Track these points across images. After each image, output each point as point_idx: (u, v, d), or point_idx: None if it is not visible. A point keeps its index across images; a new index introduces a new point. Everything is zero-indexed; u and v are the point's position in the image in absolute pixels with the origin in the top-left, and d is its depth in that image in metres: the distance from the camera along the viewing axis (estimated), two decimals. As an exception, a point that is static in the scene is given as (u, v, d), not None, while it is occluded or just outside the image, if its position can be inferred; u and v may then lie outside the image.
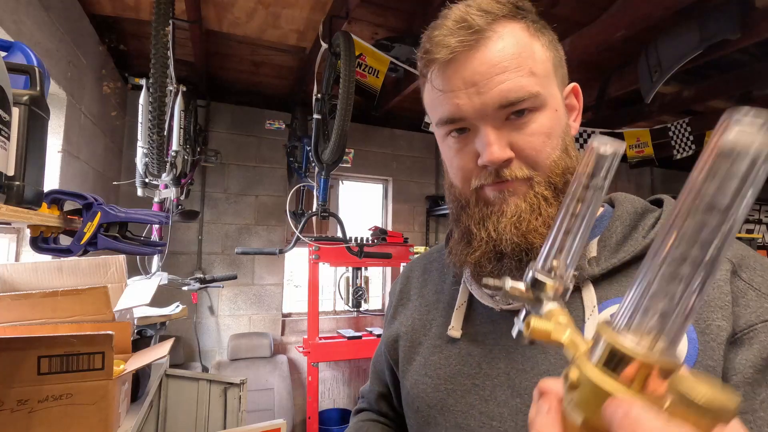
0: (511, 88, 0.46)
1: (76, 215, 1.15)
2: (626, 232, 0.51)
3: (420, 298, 0.66)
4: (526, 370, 0.49)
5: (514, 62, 0.47)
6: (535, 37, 0.49)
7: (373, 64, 2.37)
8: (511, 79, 0.46)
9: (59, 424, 0.74)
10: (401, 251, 3.28)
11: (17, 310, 0.90)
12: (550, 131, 0.49)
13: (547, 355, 0.48)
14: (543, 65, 0.49)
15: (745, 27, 1.99)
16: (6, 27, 1.41)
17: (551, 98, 0.49)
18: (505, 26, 0.48)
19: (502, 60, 0.47)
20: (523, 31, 0.49)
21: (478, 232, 0.51)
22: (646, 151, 3.42)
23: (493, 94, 0.46)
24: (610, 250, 0.50)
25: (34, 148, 0.77)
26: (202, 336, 3.17)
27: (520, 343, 0.50)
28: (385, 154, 3.89)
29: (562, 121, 0.51)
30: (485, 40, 0.47)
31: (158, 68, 1.52)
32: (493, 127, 0.48)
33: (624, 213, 0.52)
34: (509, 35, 0.48)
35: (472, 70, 0.47)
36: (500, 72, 0.46)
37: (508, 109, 0.47)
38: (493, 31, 0.47)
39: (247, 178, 3.39)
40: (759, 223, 5.27)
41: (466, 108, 0.48)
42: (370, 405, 0.75)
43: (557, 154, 0.49)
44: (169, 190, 2.23)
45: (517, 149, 0.48)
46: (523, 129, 0.48)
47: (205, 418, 1.50)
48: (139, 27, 2.42)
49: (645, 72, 2.37)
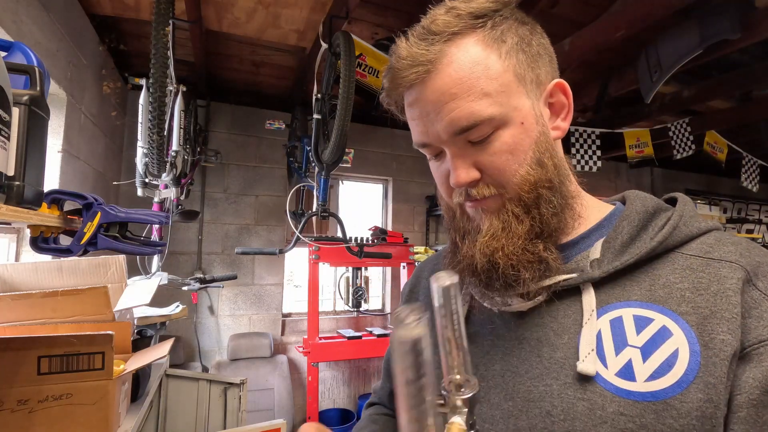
0: (461, 116, 0.46)
1: (76, 215, 1.15)
2: (633, 233, 0.49)
3: (426, 298, 0.67)
4: (521, 373, 0.48)
5: (463, 87, 0.46)
6: (492, 49, 0.47)
7: (373, 64, 2.37)
8: (459, 106, 0.46)
9: (59, 424, 0.74)
10: (401, 251, 3.28)
11: (17, 310, 0.90)
12: (514, 148, 0.48)
13: (541, 359, 0.48)
14: (499, 80, 0.47)
15: (745, 27, 1.99)
16: (6, 27, 1.41)
17: (513, 113, 0.47)
18: (458, 45, 0.47)
19: (450, 87, 0.46)
20: (476, 46, 0.47)
21: (461, 246, 0.53)
22: (646, 151, 3.42)
23: (444, 124, 0.47)
24: (614, 251, 0.48)
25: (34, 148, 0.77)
26: (202, 336, 3.17)
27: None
28: (385, 154, 3.89)
29: (531, 133, 0.49)
30: (435, 68, 0.47)
31: (158, 68, 1.52)
32: (455, 152, 0.49)
33: (633, 212, 0.50)
34: (461, 56, 0.46)
35: (425, 100, 0.48)
36: (449, 100, 0.46)
37: (464, 135, 0.47)
38: (442, 55, 0.47)
39: (247, 178, 3.39)
40: (759, 223, 5.27)
41: (428, 135, 0.50)
42: (381, 401, 0.76)
43: (525, 169, 0.48)
44: (169, 190, 2.23)
45: (482, 169, 0.49)
46: (486, 149, 0.48)
47: (205, 418, 1.50)
48: (139, 27, 2.42)
49: (645, 72, 2.37)
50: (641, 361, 0.42)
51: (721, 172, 4.60)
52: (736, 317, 0.41)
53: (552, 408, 0.44)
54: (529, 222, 0.49)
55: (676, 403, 0.39)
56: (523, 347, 0.49)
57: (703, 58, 2.27)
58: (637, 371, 0.42)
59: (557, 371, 0.46)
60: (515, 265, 0.48)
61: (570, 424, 0.43)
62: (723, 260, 0.44)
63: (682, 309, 0.43)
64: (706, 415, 0.39)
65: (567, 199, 0.51)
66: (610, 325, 0.45)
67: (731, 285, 0.42)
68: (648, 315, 0.44)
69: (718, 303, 0.42)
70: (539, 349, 0.48)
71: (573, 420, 0.43)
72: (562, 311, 0.49)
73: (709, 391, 0.39)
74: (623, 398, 0.41)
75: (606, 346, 0.44)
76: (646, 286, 0.46)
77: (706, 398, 0.39)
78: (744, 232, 4.99)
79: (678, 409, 0.39)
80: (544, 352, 0.48)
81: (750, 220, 5.31)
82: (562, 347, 0.47)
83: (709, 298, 0.42)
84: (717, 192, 5.50)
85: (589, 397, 0.43)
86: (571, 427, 0.43)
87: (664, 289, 0.45)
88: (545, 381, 0.46)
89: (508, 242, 0.48)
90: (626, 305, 0.45)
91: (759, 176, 3.95)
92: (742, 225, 5.10)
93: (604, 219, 0.54)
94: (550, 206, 0.49)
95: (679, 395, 0.40)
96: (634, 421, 0.40)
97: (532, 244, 0.48)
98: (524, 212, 0.49)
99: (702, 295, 0.43)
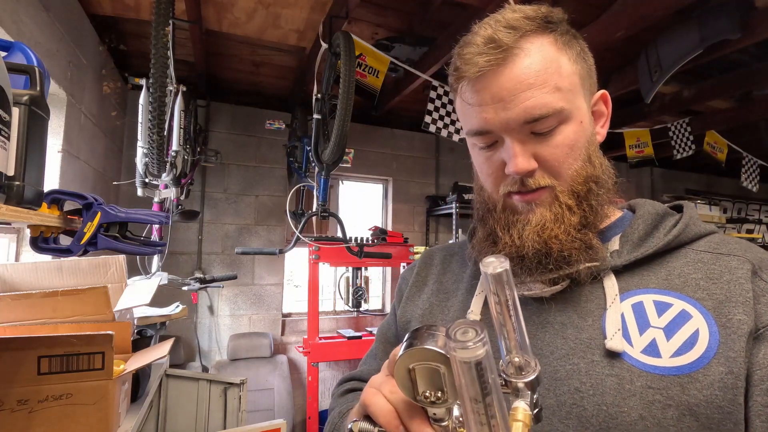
0: (535, 105, 0.49)
1: (76, 215, 1.15)
2: (648, 230, 0.54)
3: (438, 284, 0.68)
4: (546, 354, 0.50)
5: (539, 79, 0.49)
6: (563, 51, 0.51)
7: (373, 64, 2.37)
8: (535, 96, 0.49)
9: (59, 424, 0.74)
10: (401, 251, 3.28)
11: (17, 310, 0.90)
12: (574, 143, 0.51)
13: (566, 340, 0.50)
14: (569, 79, 0.51)
15: (745, 27, 1.99)
16: (6, 27, 1.41)
17: (576, 111, 0.51)
18: (533, 42, 0.50)
19: (527, 77, 0.49)
20: (550, 46, 0.51)
21: (503, 236, 0.55)
22: (646, 151, 3.42)
23: (518, 111, 0.49)
24: (632, 244, 0.53)
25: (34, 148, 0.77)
26: (202, 336, 3.17)
27: None
28: (385, 154, 3.89)
29: (587, 132, 0.53)
30: (512, 57, 0.49)
31: (158, 68, 1.52)
32: (518, 140, 0.51)
33: (646, 213, 0.56)
34: (536, 51, 0.50)
35: (499, 86, 0.50)
36: (525, 89, 0.49)
37: (532, 125, 0.50)
38: (520, 48, 0.49)
39: (247, 178, 3.39)
40: (759, 223, 5.27)
41: (493, 122, 0.51)
42: (360, 376, 0.72)
43: (579, 164, 0.52)
44: (169, 190, 2.23)
45: (541, 160, 0.51)
46: (548, 141, 0.51)
47: (205, 418, 1.50)
48: (139, 27, 2.42)
49: (645, 72, 2.37)
50: (665, 340, 0.46)
51: (721, 172, 4.61)
52: (749, 301, 0.45)
53: (581, 385, 0.47)
54: (580, 213, 0.52)
55: (699, 377, 0.43)
56: (547, 330, 0.52)
57: (703, 58, 2.27)
58: (662, 349, 0.45)
59: (583, 351, 0.48)
60: (568, 249, 0.51)
61: (600, 398, 0.45)
62: (731, 255, 0.49)
63: (699, 295, 0.47)
64: (728, 386, 0.42)
65: (608, 196, 0.56)
66: (632, 308, 0.49)
67: (742, 274, 0.47)
68: (667, 300, 0.48)
69: (732, 289, 0.46)
70: (563, 332, 0.51)
71: (603, 394, 0.45)
72: (585, 296, 0.52)
73: (729, 364, 0.42)
74: (650, 373, 0.44)
75: (630, 327, 0.48)
76: (662, 276, 0.50)
77: (727, 371, 0.42)
78: (744, 232, 4.98)
79: (701, 382, 0.42)
80: (569, 333, 0.50)
81: (750, 220, 5.31)
82: (587, 329, 0.49)
83: (723, 286, 0.47)
84: (717, 192, 5.50)
85: (617, 372, 0.45)
86: (601, 401, 0.45)
87: (679, 278, 0.49)
88: (572, 360, 0.48)
89: (560, 231, 0.51)
90: (645, 292, 0.49)
91: (759, 176, 3.95)
92: (742, 225, 5.10)
93: (617, 220, 0.59)
94: (598, 199, 0.53)
95: (702, 369, 0.43)
96: (661, 393, 0.43)
97: (582, 233, 0.52)
98: (576, 204, 0.52)
99: (716, 284, 0.47)
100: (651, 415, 0.43)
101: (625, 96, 3.17)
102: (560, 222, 0.51)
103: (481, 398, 0.30)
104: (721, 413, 0.41)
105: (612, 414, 0.44)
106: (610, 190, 0.56)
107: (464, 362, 0.30)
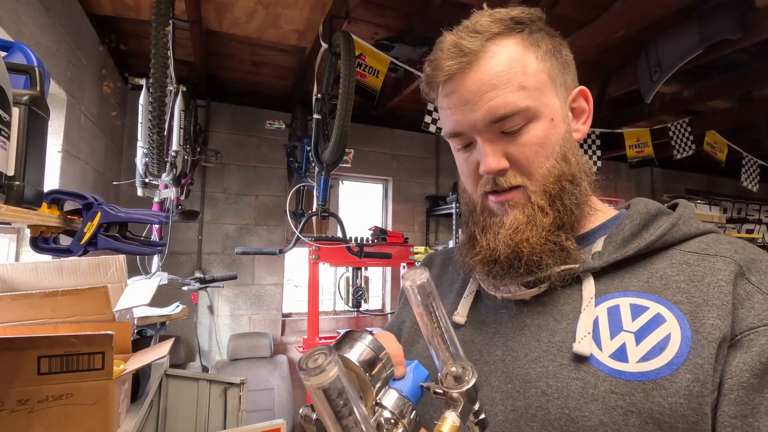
0: (500, 105, 0.49)
1: (76, 215, 1.14)
2: (635, 230, 0.52)
3: (435, 287, 0.69)
4: (520, 357, 0.51)
5: (503, 79, 0.50)
6: (530, 50, 0.52)
7: (373, 64, 2.37)
8: (499, 95, 0.49)
9: (59, 424, 0.74)
10: (401, 251, 3.28)
11: (17, 310, 0.90)
12: (543, 141, 0.51)
13: (540, 343, 0.50)
14: (535, 77, 0.51)
15: (745, 27, 1.99)
16: (6, 27, 1.41)
17: (545, 109, 0.51)
18: (498, 43, 0.51)
19: (491, 78, 0.50)
20: (516, 46, 0.51)
21: (480, 239, 0.55)
22: (646, 151, 3.42)
23: (483, 111, 0.50)
24: (615, 245, 0.52)
25: (34, 148, 0.77)
26: (202, 336, 3.17)
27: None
28: (385, 154, 3.89)
29: (559, 129, 0.53)
30: (477, 60, 0.50)
31: (158, 68, 1.52)
32: (488, 140, 0.52)
33: (636, 213, 0.54)
34: (501, 52, 0.51)
35: (465, 89, 0.51)
36: (489, 89, 0.50)
37: (499, 124, 0.50)
38: (484, 51, 0.50)
39: (247, 178, 3.39)
40: (759, 223, 5.27)
41: (463, 123, 0.52)
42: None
43: (551, 162, 0.52)
44: (169, 190, 2.23)
45: (512, 159, 0.52)
46: (517, 140, 0.51)
47: (205, 418, 1.50)
48: (139, 27, 2.42)
49: (645, 72, 2.37)
50: (635, 344, 0.45)
51: (721, 172, 4.61)
52: (726, 305, 0.43)
53: (547, 387, 0.47)
54: (554, 214, 0.52)
55: (665, 383, 0.41)
56: (524, 333, 0.52)
57: (703, 58, 2.27)
58: (630, 353, 0.44)
59: (554, 354, 0.48)
60: (539, 253, 0.50)
61: (563, 402, 0.45)
62: (718, 255, 0.47)
63: (677, 298, 0.45)
64: (693, 394, 0.40)
65: (584, 196, 0.55)
66: (608, 312, 0.48)
67: (723, 276, 0.45)
68: (644, 303, 0.47)
69: (710, 292, 0.44)
70: (539, 335, 0.51)
71: (566, 398, 0.45)
72: (563, 299, 0.52)
73: (696, 371, 0.41)
74: (615, 378, 0.44)
75: (602, 331, 0.47)
76: (644, 278, 0.49)
77: (693, 378, 0.40)
78: (744, 232, 4.98)
79: (667, 389, 0.41)
80: (542, 336, 0.50)
81: (750, 220, 5.31)
82: (560, 332, 0.49)
83: (703, 289, 0.45)
84: (717, 192, 5.50)
85: (582, 376, 0.45)
86: (564, 405, 0.45)
87: (661, 280, 0.48)
88: (542, 363, 0.48)
89: (533, 233, 0.51)
90: (624, 295, 0.48)
91: (759, 176, 3.95)
92: (742, 225, 5.10)
93: (608, 220, 0.57)
94: (572, 198, 0.53)
95: (669, 376, 0.41)
96: (624, 398, 0.42)
97: (555, 235, 0.51)
98: (549, 204, 0.52)
99: (696, 286, 0.45)
100: (612, 421, 0.42)
101: (625, 96, 3.17)
102: (532, 224, 0.51)
103: (337, 421, 0.30)
104: (686, 422, 0.40)
105: (573, 418, 0.43)
106: (585, 190, 0.55)
107: (315, 389, 0.29)
